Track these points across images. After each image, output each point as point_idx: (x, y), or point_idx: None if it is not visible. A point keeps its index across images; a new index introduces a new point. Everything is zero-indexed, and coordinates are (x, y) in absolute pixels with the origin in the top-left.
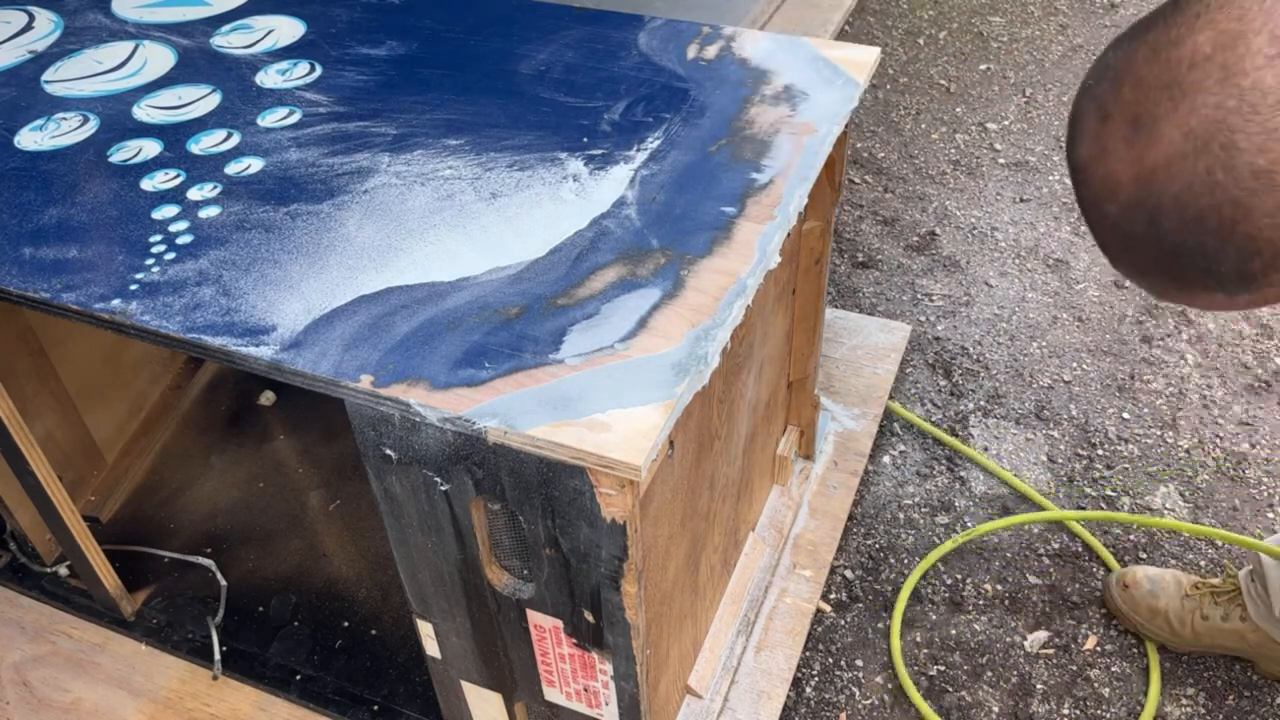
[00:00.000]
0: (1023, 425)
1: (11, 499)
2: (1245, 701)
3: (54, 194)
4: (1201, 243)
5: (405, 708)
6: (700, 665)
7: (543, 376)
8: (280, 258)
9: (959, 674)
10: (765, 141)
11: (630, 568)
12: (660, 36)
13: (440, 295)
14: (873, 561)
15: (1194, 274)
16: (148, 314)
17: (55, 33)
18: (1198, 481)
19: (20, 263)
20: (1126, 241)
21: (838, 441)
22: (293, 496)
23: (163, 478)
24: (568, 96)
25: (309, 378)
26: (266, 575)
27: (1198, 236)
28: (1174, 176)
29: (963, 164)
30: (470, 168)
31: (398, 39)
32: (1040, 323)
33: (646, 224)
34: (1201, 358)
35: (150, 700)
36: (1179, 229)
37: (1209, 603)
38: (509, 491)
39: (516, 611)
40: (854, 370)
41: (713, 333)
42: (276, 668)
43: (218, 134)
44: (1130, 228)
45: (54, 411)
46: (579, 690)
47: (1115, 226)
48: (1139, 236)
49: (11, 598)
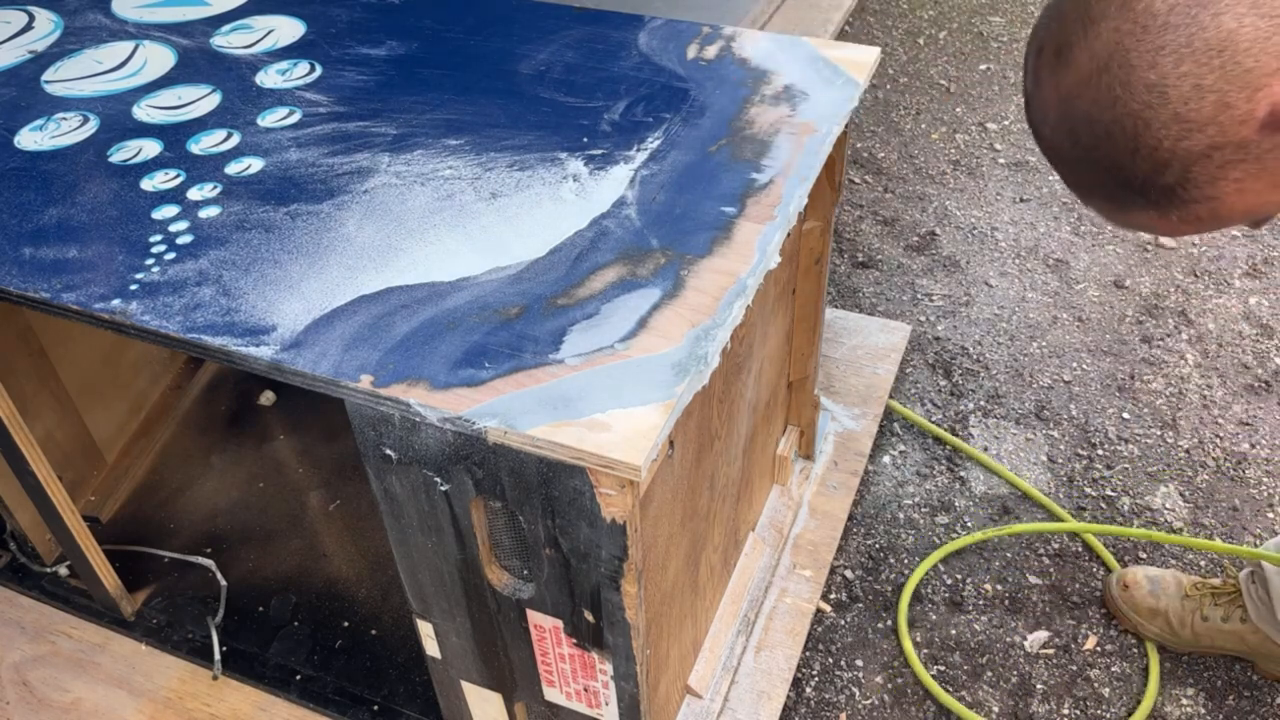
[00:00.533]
0: (1023, 425)
1: (11, 499)
2: (1245, 701)
3: (54, 194)
4: (1115, 157)
5: (405, 708)
6: (700, 665)
7: (543, 376)
8: (280, 258)
9: (959, 674)
10: (765, 141)
11: (630, 568)
12: (660, 36)
13: (440, 295)
14: (873, 561)
15: (1120, 191)
16: (148, 314)
17: (55, 33)
18: (1198, 481)
19: (20, 263)
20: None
21: (838, 441)
22: (293, 496)
23: (163, 478)
24: (568, 96)
25: (309, 378)
26: (266, 575)
27: (1110, 150)
28: (1084, 96)
29: (963, 164)
30: (470, 168)
31: (398, 39)
32: (1040, 323)
33: (646, 224)
34: (1201, 358)
35: (150, 700)
36: (1094, 144)
37: (1209, 603)
38: (509, 491)
39: (516, 611)
40: (854, 370)
41: (713, 333)
42: (276, 668)
43: (218, 134)
44: (1060, 148)
45: (54, 411)
46: (579, 690)
47: (1051, 148)
48: (1068, 155)
49: (11, 598)
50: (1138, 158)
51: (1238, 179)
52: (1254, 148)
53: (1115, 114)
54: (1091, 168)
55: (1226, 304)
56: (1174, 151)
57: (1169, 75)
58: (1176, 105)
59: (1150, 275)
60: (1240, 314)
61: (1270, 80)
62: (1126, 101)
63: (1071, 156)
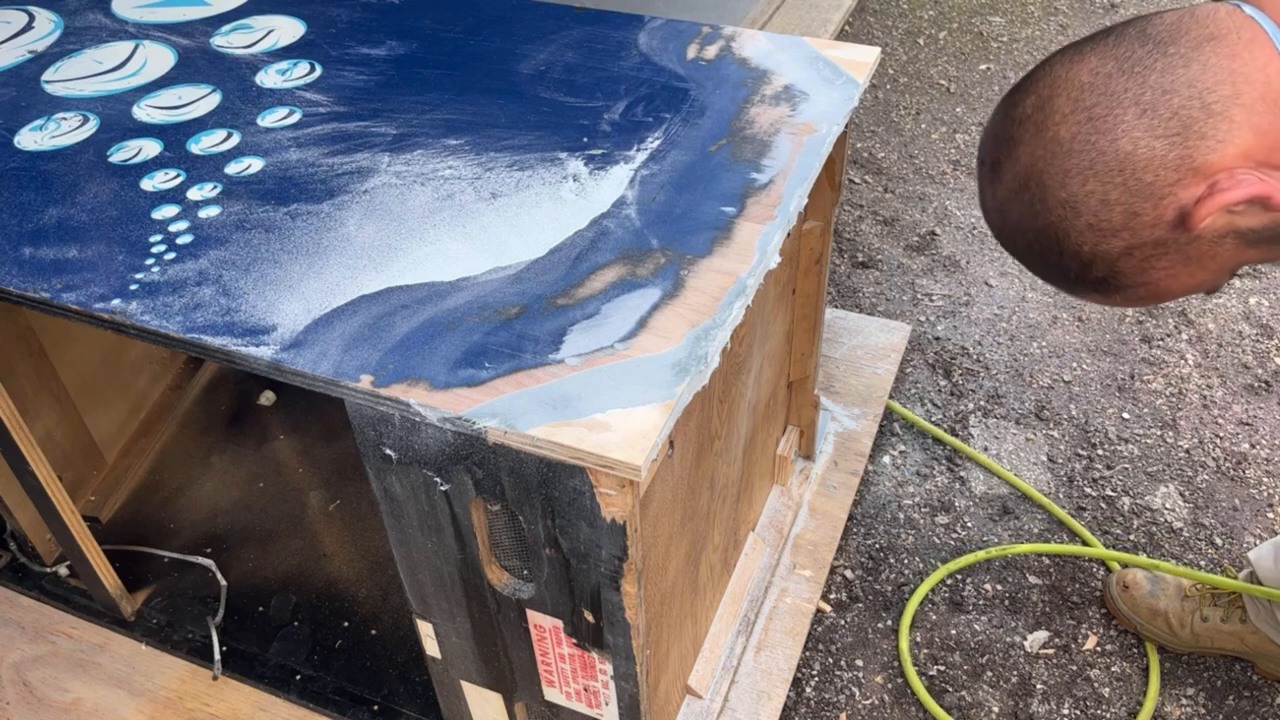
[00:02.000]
0: (1023, 425)
1: (11, 499)
2: (1245, 702)
3: (54, 194)
4: (1046, 258)
5: (405, 708)
6: (700, 665)
7: (543, 376)
8: (280, 258)
9: (959, 674)
10: (765, 141)
11: (630, 568)
12: (660, 36)
13: (440, 295)
14: (873, 561)
15: (1063, 280)
16: (148, 314)
17: (55, 33)
18: (1198, 481)
19: (20, 263)
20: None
21: (838, 441)
22: (293, 496)
23: (163, 478)
24: (568, 96)
25: (309, 378)
26: (266, 575)
27: (1042, 253)
28: (1013, 208)
29: (963, 164)
30: (470, 168)
31: (398, 39)
32: (1040, 323)
33: (646, 224)
34: (1201, 358)
35: (150, 700)
36: (1028, 248)
37: (1208, 604)
38: (509, 491)
39: (516, 611)
40: (854, 370)
41: (713, 333)
42: (276, 668)
43: (218, 134)
44: (1006, 244)
45: (54, 411)
46: (579, 690)
47: (1001, 242)
48: (1013, 250)
49: (11, 598)
50: (1065, 258)
51: (1165, 268)
52: (1171, 244)
53: (1039, 225)
54: (1034, 263)
55: (1226, 304)
56: (1095, 254)
57: (1077, 194)
58: (1088, 218)
59: None
60: (1240, 314)
61: (1173, 189)
62: (1044, 215)
63: (1015, 251)
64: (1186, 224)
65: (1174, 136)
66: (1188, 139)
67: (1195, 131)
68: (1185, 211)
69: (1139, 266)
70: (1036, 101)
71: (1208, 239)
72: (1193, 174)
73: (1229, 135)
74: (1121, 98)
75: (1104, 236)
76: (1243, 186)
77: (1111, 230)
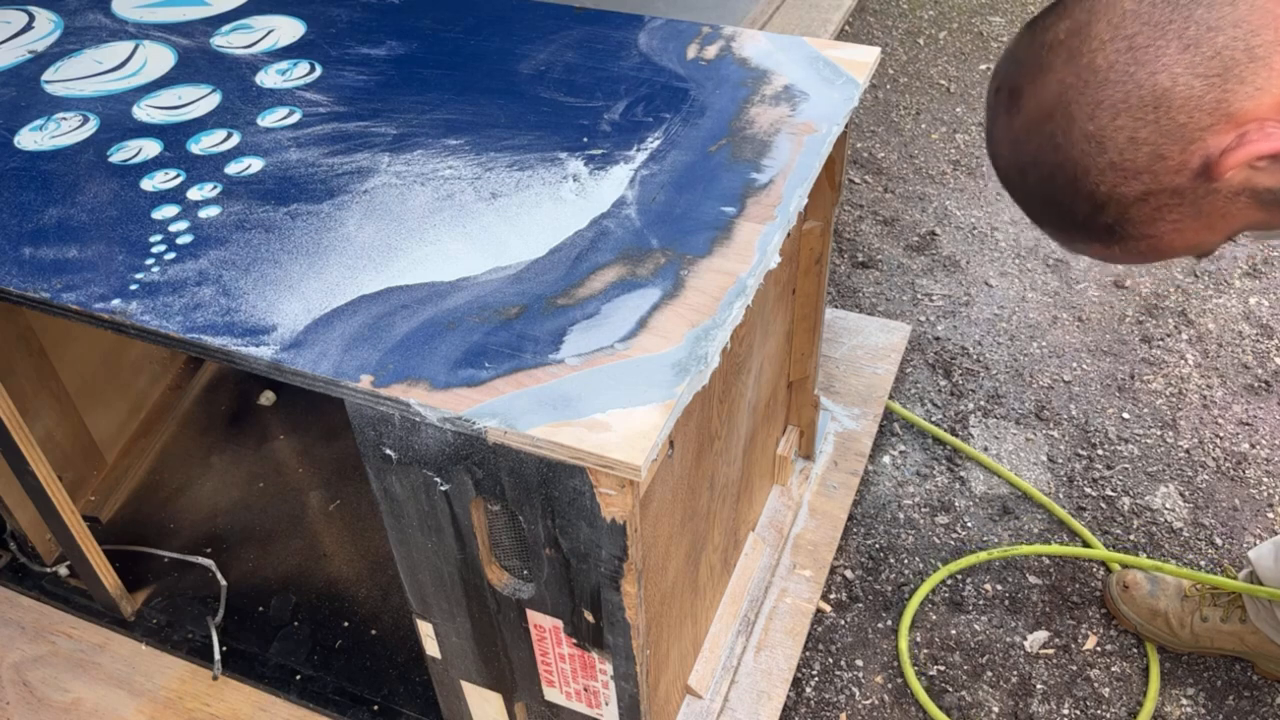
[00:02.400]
0: (1023, 425)
1: (11, 499)
2: (1245, 702)
3: (54, 194)
4: (1058, 196)
5: (405, 708)
6: (700, 665)
7: (543, 376)
8: (280, 258)
9: (959, 674)
10: (765, 141)
11: (630, 568)
12: (660, 36)
13: (440, 295)
14: (873, 561)
15: (1066, 224)
16: (148, 314)
17: (55, 33)
18: (1198, 481)
19: (20, 263)
20: (1013, 192)
21: (838, 441)
22: (293, 496)
23: (163, 478)
24: (568, 96)
25: (309, 378)
26: (266, 575)
27: (1053, 190)
28: (1031, 139)
29: (963, 164)
30: (470, 168)
31: (397, 39)
32: (1040, 323)
33: (646, 224)
34: (1201, 358)
35: (150, 700)
36: (1040, 183)
37: (1208, 604)
38: (509, 491)
39: (516, 611)
40: (854, 370)
41: (713, 333)
42: (276, 668)
43: (218, 134)
44: (1012, 180)
45: (54, 411)
46: (579, 690)
47: (1004, 179)
48: (1019, 189)
49: (11, 598)
50: (1078, 198)
51: (1174, 220)
52: (1189, 194)
53: (1057, 159)
54: (1039, 202)
55: (1226, 304)
56: (1111, 195)
57: (1106, 128)
58: (1113, 155)
59: (1150, 275)
60: (1240, 314)
61: (1204, 135)
62: (1067, 149)
63: (1021, 189)
64: (1209, 174)
65: (1214, 77)
66: (1227, 82)
67: (1235, 75)
68: (1210, 160)
69: (1150, 215)
70: (1072, 26)
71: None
72: (1226, 120)
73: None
74: (1166, 29)
75: (1125, 178)
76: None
77: (1134, 171)
